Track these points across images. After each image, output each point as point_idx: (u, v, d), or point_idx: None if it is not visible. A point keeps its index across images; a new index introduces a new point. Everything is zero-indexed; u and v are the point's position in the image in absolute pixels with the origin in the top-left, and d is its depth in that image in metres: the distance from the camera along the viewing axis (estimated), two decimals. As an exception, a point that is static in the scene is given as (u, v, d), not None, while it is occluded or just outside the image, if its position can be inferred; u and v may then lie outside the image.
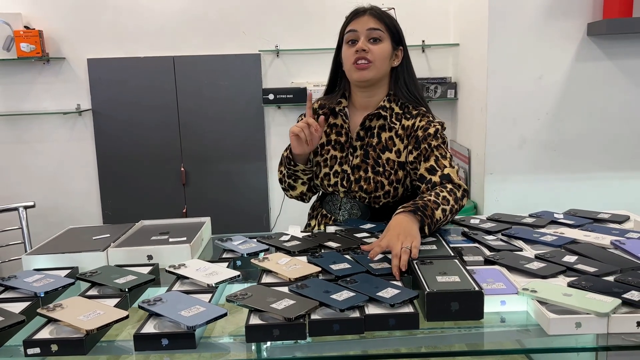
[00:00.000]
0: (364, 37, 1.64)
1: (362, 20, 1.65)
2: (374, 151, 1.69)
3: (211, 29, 3.43)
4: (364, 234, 1.58)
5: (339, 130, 1.76)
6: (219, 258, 1.47)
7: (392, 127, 1.69)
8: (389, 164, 1.69)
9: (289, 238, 1.56)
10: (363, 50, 1.62)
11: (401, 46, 1.70)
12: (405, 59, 1.72)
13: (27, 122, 3.49)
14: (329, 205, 1.80)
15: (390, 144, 1.70)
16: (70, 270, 1.39)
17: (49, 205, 3.52)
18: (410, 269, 1.26)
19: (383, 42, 1.64)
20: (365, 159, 1.71)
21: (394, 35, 1.67)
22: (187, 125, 3.50)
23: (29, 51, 3.21)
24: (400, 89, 1.71)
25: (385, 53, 1.65)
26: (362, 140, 1.72)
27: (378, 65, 1.64)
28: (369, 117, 1.70)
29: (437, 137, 1.65)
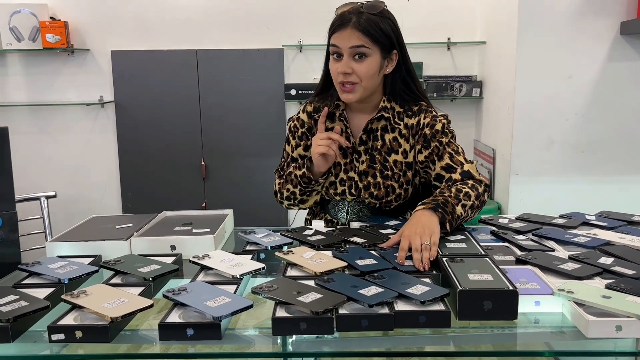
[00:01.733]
0: (347, 55, 1.51)
1: (345, 35, 1.50)
2: (380, 155, 1.63)
3: (235, 23, 3.42)
4: (389, 230, 1.55)
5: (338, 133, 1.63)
6: (243, 250, 1.45)
7: (395, 128, 1.62)
8: (397, 166, 1.62)
9: (313, 232, 1.54)
10: (347, 72, 1.51)
11: (395, 49, 1.56)
12: (403, 59, 1.60)
13: (50, 112, 3.51)
14: (334, 210, 1.73)
15: (396, 145, 1.63)
16: (93, 259, 1.38)
17: (69, 196, 3.54)
18: (438, 266, 1.23)
19: (369, 58, 1.51)
20: (372, 163, 1.64)
21: (384, 44, 1.53)
22: (208, 119, 3.50)
23: (54, 42, 3.23)
24: (397, 90, 1.62)
25: (372, 70, 1.53)
26: (366, 144, 1.64)
27: (365, 84, 1.54)
28: (371, 121, 1.62)
29: (446, 132, 1.59)
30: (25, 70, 3.45)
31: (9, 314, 1.02)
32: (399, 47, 1.58)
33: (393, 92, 1.62)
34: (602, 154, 2.69)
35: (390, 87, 1.61)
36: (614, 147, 2.69)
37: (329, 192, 1.68)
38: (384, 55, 1.55)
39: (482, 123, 3.31)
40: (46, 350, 1.02)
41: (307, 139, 1.71)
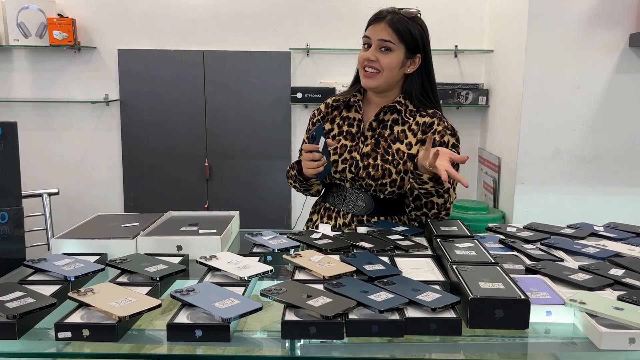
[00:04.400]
0: (374, 45, 1.67)
1: (377, 28, 1.67)
2: (385, 142, 1.72)
3: (243, 25, 3.42)
4: (396, 236, 1.54)
5: (351, 122, 1.79)
6: (250, 252, 1.44)
7: (405, 122, 1.73)
8: (399, 154, 1.71)
9: (320, 236, 1.53)
10: (371, 59, 1.67)
11: (419, 53, 1.69)
12: (426, 65, 1.71)
13: (55, 109, 3.51)
14: (333, 196, 1.81)
15: (402, 136, 1.73)
16: (99, 257, 1.37)
17: (71, 194, 3.53)
18: (447, 274, 1.22)
19: (393, 52, 1.66)
20: (376, 147, 1.73)
21: (409, 44, 1.66)
22: (213, 120, 3.49)
23: (61, 39, 3.23)
24: (415, 90, 1.73)
25: (394, 63, 1.66)
26: (374, 131, 1.74)
27: (385, 75, 1.67)
28: (384, 110, 1.73)
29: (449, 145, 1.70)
30: (31, 66, 3.45)
31: (15, 311, 1.01)
32: (423, 53, 1.70)
33: (410, 92, 1.73)
34: (608, 165, 2.68)
35: (408, 86, 1.73)
36: (620, 158, 2.68)
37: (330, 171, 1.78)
38: (408, 55, 1.68)
39: (488, 131, 3.31)
40: (52, 348, 1.01)
41: None
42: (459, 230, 1.55)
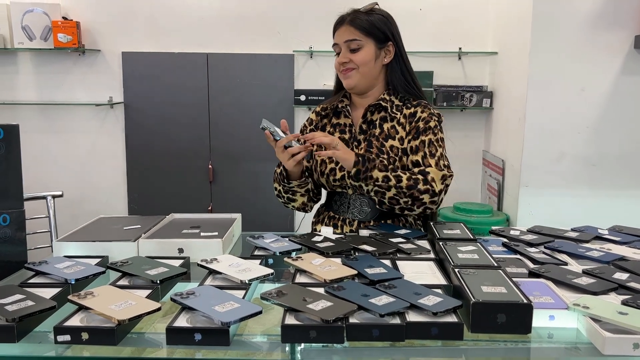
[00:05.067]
0: (344, 49, 1.70)
1: (341, 32, 1.70)
2: (377, 140, 1.71)
3: (246, 28, 3.42)
4: (399, 239, 1.53)
5: (343, 129, 1.79)
6: (251, 255, 1.44)
7: (393, 117, 1.73)
8: (393, 151, 1.71)
9: (322, 239, 1.52)
10: (344, 62, 1.70)
11: (390, 41, 1.71)
12: (399, 51, 1.73)
13: (59, 112, 3.51)
14: (336, 204, 1.79)
15: (393, 132, 1.73)
16: (100, 259, 1.37)
17: (75, 196, 3.53)
18: (449, 277, 1.21)
19: (363, 49, 1.68)
20: (369, 148, 1.72)
21: (376, 35, 1.68)
22: (217, 122, 3.49)
23: (65, 42, 3.24)
24: (397, 81, 1.74)
25: (367, 57, 1.69)
26: (365, 133, 1.74)
27: (362, 70, 1.69)
28: (370, 109, 1.73)
29: (435, 132, 1.69)
30: (35, 69, 3.46)
31: (14, 314, 1.00)
32: (394, 40, 1.72)
33: (393, 83, 1.75)
34: (613, 168, 2.66)
35: (390, 76, 1.75)
36: (625, 161, 2.66)
37: (329, 180, 1.75)
38: (379, 45, 1.70)
39: (492, 134, 3.29)
40: (51, 352, 1.00)
41: None
42: (462, 233, 1.54)
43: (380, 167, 1.59)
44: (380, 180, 1.58)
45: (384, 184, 1.58)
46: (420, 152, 1.66)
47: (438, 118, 1.72)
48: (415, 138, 1.68)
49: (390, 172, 1.59)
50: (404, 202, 1.59)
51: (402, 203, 1.60)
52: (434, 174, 1.60)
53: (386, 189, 1.58)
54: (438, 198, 1.60)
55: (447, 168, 1.65)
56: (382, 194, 1.60)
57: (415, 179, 1.58)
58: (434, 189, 1.59)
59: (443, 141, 1.71)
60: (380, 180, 1.58)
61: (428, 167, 1.62)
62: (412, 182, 1.58)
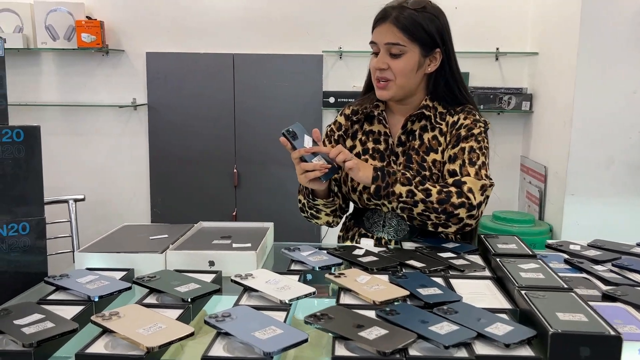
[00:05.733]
0: (383, 51, 1.48)
1: (382, 31, 1.47)
2: (417, 154, 1.54)
3: (273, 28, 3.32)
4: (448, 253, 1.40)
5: (377, 138, 1.60)
6: (288, 270, 1.31)
7: (435, 127, 1.55)
8: (436, 166, 1.53)
9: (364, 252, 1.39)
10: (381, 68, 1.48)
11: (438, 48, 1.49)
12: (447, 60, 1.52)
13: (82, 113, 3.45)
14: (369, 222, 1.62)
15: (435, 144, 1.54)
16: (125, 273, 1.26)
17: (97, 200, 3.45)
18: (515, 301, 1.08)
19: (406, 55, 1.46)
20: (408, 163, 1.54)
21: (424, 40, 1.46)
22: (242, 125, 3.39)
23: (89, 42, 3.16)
24: (440, 91, 1.54)
25: (408, 68, 1.47)
26: (404, 145, 1.56)
27: (400, 82, 1.49)
28: (411, 119, 1.55)
29: (478, 140, 1.50)
30: (59, 69, 3.40)
31: (32, 337, 0.90)
32: (443, 46, 1.50)
33: (435, 93, 1.55)
34: (666, 176, 2.50)
35: (433, 87, 1.54)
36: (679, 168, 2.49)
37: (362, 198, 1.57)
38: (425, 53, 1.48)
39: (532, 138, 3.13)
40: (72, 381, 0.89)
41: (343, 142, 1.65)
42: (518, 248, 1.40)
43: (402, 181, 1.41)
44: (404, 195, 1.41)
45: (409, 200, 1.41)
46: (458, 161, 1.47)
47: (484, 125, 1.54)
48: (454, 146, 1.50)
49: (417, 185, 1.42)
50: (436, 217, 1.42)
51: (434, 219, 1.43)
52: (471, 184, 1.43)
53: (412, 204, 1.42)
54: (477, 212, 1.42)
55: (487, 178, 1.47)
56: (409, 209, 1.43)
57: (448, 192, 1.41)
58: (471, 201, 1.41)
59: (487, 150, 1.52)
60: (404, 196, 1.41)
61: (465, 177, 1.45)
62: (443, 196, 1.40)
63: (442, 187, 1.43)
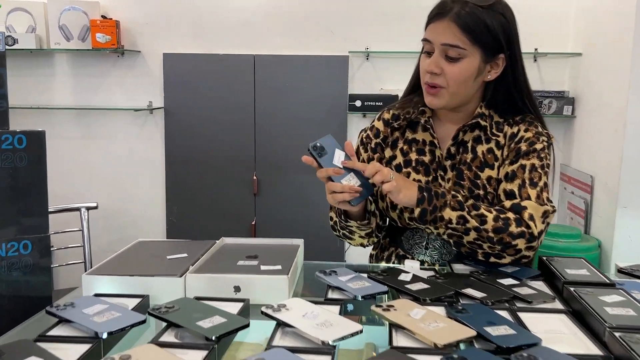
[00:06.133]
0: (438, 52, 1.27)
1: (439, 29, 1.26)
2: (469, 170, 1.35)
3: (296, 27, 3.15)
4: (509, 280, 1.21)
5: (422, 148, 1.41)
6: (325, 299, 1.14)
7: (490, 139, 1.36)
8: (491, 183, 1.34)
9: (411, 278, 1.21)
10: (434, 72, 1.28)
11: (502, 53, 1.29)
12: (511, 67, 1.31)
13: (96, 117, 3.31)
14: (409, 243, 1.44)
15: (491, 158, 1.35)
16: (140, 300, 1.09)
17: (111, 207, 3.31)
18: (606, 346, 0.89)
19: (464, 60, 1.26)
20: (458, 180, 1.35)
21: (487, 44, 1.26)
22: (263, 130, 3.22)
23: (104, 42, 3.02)
24: (500, 100, 1.34)
25: (466, 75, 1.27)
26: (454, 159, 1.37)
27: (453, 90, 1.29)
28: (463, 129, 1.35)
29: (541, 156, 1.31)
30: (72, 71, 3.27)
31: (25, 392, 0.73)
32: (508, 51, 1.29)
33: (492, 101, 1.35)
34: None
35: (490, 96, 1.35)
36: None
37: (402, 216, 1.38)
38: (486, 58, 1.28)
39: (574, 145, 2.93)
40: None
41: (382, 151, 1.46)
42: (590, 274, 1.21)
43: (453, 205, 1.24)
44: (454, 221, 1.24)
45: (459, 227, 1.24)
46: (517, 180, 1.29)
47: (547, 139, 1.34)
48: (512, 162, 1.31)
49: (469, 209, 1.24)
50: (489, 247, 1.25)
51: (487, 249, 1.25)
52: (532, 210, 1.24)
53: (463, 232, 1.24)
54: (537, 242, 1.24)
55: (549, 202, 1.29)
56: (458, 237, 1.26)
57: (506, 219, 1.23)
58: (532, 230, 1.23)
59: (545, 168, 1.32)
60: (454, 222, 1.24)
61: (525, 201, 1.26)
62: (500, 224, 1.23)
63: (498, 213, 1.25)
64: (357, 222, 1.35)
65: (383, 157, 1.46)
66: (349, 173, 1.24)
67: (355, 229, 1.38)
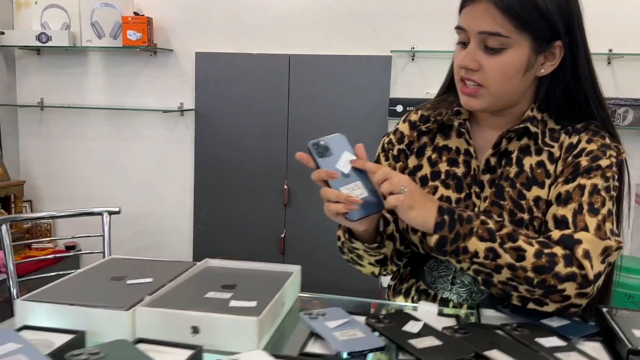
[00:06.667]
0: (474, 41, 1.01)
1: (476, 13, 0.99)
2: (513, 187, 1.07)
3: (335, 25, 2.90)
4: (552, 339, 0.91)
5: (455, 157, 1.13)
6: (300, 353, 0.87)
7: (542, 150, 1.08)
8: (540, 206, 1.04)
9: (420, 328, 0.93)
10: (469, 68, 1.02)
11: (559, 40, 1.01)
12: (572, 57, 1.02)
13: (127, 117, 3.19)
14: (432, 275, 1.16)
15: (540, 173, 1.06)
16: (71, 338, 0.88)
17: (138, 212, 3.18)
18: None
19: (509, 52, 0.99)
20: (498, 199, 1.07)
21: (539, 29, 0.99)
22: (296, 136, 2.99)
23: (134, 39, 2.89)
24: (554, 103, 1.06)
25: (511, 69, 1.00)
26: (493, 172, 1.10)
27: (495, 90, 1.02)
28: (507, 135, 1.07)
29: (607, 176, 1.00)
30: (105, 70, 3.17)
31: None
32: (567, 37, 1.00)
33: (546, 102, 1.07)
34: None
35: (543, 95, 1.06)
36: None
37: (425, 241, 1.10)
38: (538, 48, 1.01)
39: (654, 163, 2.51)
40: None
41: (405, 159, 1.19)
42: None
43: (481, 234, 0.96)
44: (481, 255, 0.95)
45: (488, 262, 0.95)
46: (572, 204, 1.00)
47: (617, 154, 1.04)
48: (568, 181, 1.02)
49: (503, 240, 0.95)
50: (527, 290, 0.95)
51: (524, 292, 0.96)
52: (589, 245, 0.95)
53: (493, 269, 0.95)
54: (592, 288, 0.94)
55: (613, 235, 0.98)
56: (487, 274, 0.97)
57: (551, 256, 0.94)
58: (586, 272, 0.93)
59: (611, 192, 1.01)
60: (481, 256, 0.95)
61: (581, 232, 0.96)
62: (544, 261, 0.93)
63: (542, 247, 0.95)
64: (363, 245, 1.09)
65: (406, 166, 1.20)
66: (355, 180, 0.99)
67: (363, 253, 1.12)
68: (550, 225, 1.01)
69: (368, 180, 0.99)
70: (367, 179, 0.99)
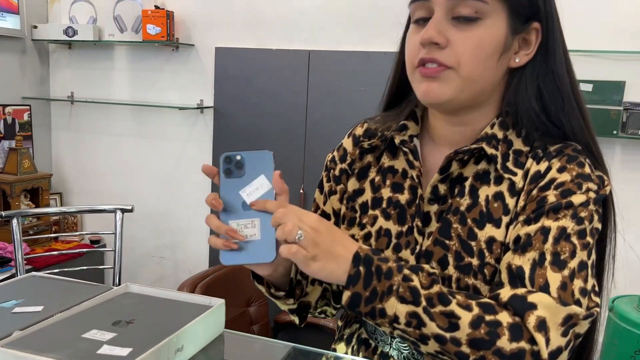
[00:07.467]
0: (440, 11, 0.80)
1: None
2: (462, 223, 0.84)
3: (358, 20, 2.68)
4: None
5: (400, 182, 0.91)
6: None
7: (502, 177, 0.83)
8: (493, 250, 0.80)
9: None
10: (432, 42, 0.79)
11: (537, 20, 0.82)
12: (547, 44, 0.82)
13: (149, 114, 3.12)
14: (371, 325, 0.95)
15: (498, 208, 0.82)
16: None
17: (156, 211, 3.12)
18: None
19: (483, 22, 0.79)
20: (443, 237, 0.84)
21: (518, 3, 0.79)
22: (314, 138, 2.80)
23: (154, 34, 2.81)
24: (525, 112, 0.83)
25: (487, 45, 0.79)
26: (443, 203, 0.87)
27: (466, 72, 0.80)
28: (457, 156, 0.85)
29: (581, 216, 0.76)
30: (129, 65, 3.12)
31: None
32: (544, 18, 0.82)
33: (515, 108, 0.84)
34: None
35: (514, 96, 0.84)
36: None
37: None
38: (515, 26, 0.81)
39: None
40: None
41: (347, 180, 0.98)
42: None
43: (402, 294, 0.74)
44: (402, 321, 0.74)
45: (410, 330, 0.73)
46: (531, 252, 0.76)
47: (598, 186, 0.79)
48: (530, 221, 0.78)
49: (429, 303, 0.73)
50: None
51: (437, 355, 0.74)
52: (546, 312, 0.72)
53: (418, 339, 0.73)
54: None
55: (586, 297, 0.73)
56: (413, 342, 0.75)
57: (493, 325, 0.72)
58: (539, 349, 0.70)
59: (585, 238, 0.76)
60: (402, 322, 0.73)
61: (537, 293, 0.73)
62: (483, 333, 0.71)
63: (483, 312, 0.73)
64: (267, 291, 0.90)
65: (346, 190, 0.99)
66: (254, 217, 0.81)
67: (276, 301, 0.93)
68: (503, 278, 0.78)
69: (265, 216, 0.80)
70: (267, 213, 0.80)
